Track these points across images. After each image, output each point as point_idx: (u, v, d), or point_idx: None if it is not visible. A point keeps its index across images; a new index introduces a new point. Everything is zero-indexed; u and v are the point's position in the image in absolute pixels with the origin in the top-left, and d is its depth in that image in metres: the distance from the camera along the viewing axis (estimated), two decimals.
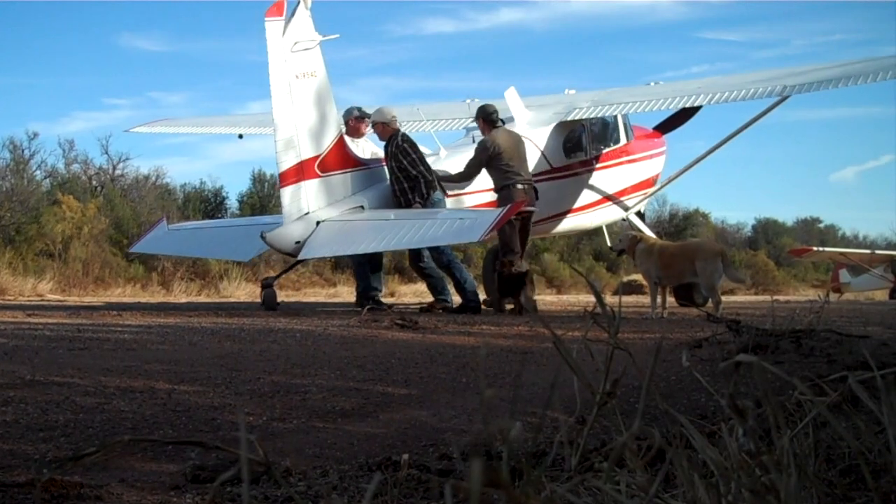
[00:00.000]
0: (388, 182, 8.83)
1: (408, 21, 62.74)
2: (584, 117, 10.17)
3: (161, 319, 6.96)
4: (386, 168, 8.88)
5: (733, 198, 65.69)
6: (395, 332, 6.08)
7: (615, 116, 10.78)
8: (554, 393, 1.27)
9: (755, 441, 1.16)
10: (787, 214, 62.14)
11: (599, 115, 10.21)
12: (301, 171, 8.25)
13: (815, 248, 25.93)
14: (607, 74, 70.80)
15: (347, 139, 9.23)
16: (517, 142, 9.04)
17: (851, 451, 1.47)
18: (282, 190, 8.33)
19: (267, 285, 9.13)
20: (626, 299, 15.91)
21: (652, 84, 11.25)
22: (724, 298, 8.95)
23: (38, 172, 22.41)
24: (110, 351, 4.56)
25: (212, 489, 1.96)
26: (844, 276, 24.50)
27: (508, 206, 8.32)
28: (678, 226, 29.98)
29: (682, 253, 8.76)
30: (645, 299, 10.48)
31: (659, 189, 11.76)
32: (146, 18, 48.26)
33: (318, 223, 8.25)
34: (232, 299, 13.93)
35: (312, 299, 14.24)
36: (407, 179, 8.60)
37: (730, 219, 46.47)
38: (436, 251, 8.82)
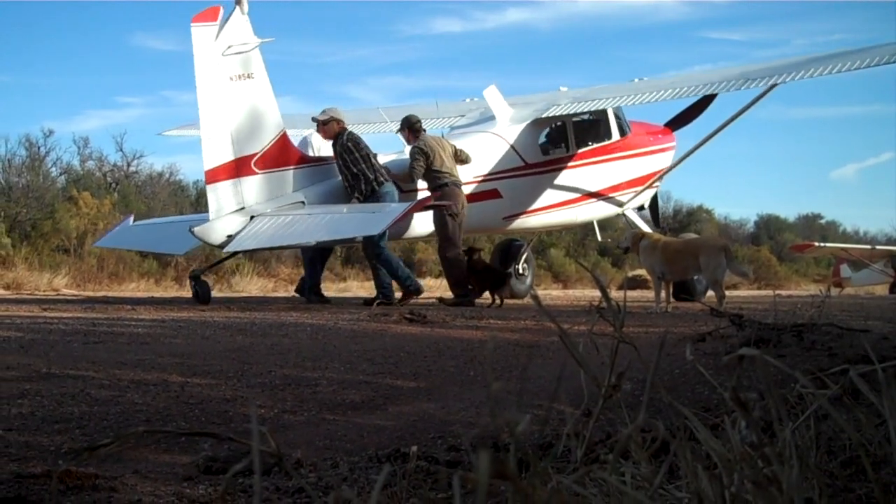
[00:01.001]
0: (335, 179, 9.10)
1: (417, 21, 62.85)
2: (562, 114, 10.12)
3: (174, 314, 7.02)
4: (333, 165, 9.13)
5: (736, 194, 65.79)
6: (403, 327, 6.11)
7: (605, 112, 10.69)
8: (560, 386, 1.30)
9: (757, 433, 1.18)
10: (788, 211, 62.07)
11: (578, 112, 10.16)
12: (236, 168, 8.46)
13: (816, 244, 25.89)
14: (610, 74, 70.71)
15: (319, 139, 9.51)
16: (443, 146, 9.39)
17: (852, 443, 1.49)
18: (207, 186, 8.56)
19: (195, 276, 9.38)
20: (631, 294, 15.92)
21: (636, 80, 11.16)
22: (727, 293, 8.94)
23: (53, 169, 22.54)
24: (124, 344, 4.61)
25: (224, 480, 1.98)
26: (845, 271, 24.51)
27: (415, 201, 8.68)
28: (682, 222, 29.92)
29: (685, 249, 8.76)
30: (649, 294, 10.49)
31: (651, 186, 11.39)
32: (158, 18, 48.40)
33: (251, 217, 8.46)
34: (244, 294, 13.99)
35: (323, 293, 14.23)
36: (352, 177, 8.86)
37: (733, 215, 46.46)
38: (370, 246, 8.94)
